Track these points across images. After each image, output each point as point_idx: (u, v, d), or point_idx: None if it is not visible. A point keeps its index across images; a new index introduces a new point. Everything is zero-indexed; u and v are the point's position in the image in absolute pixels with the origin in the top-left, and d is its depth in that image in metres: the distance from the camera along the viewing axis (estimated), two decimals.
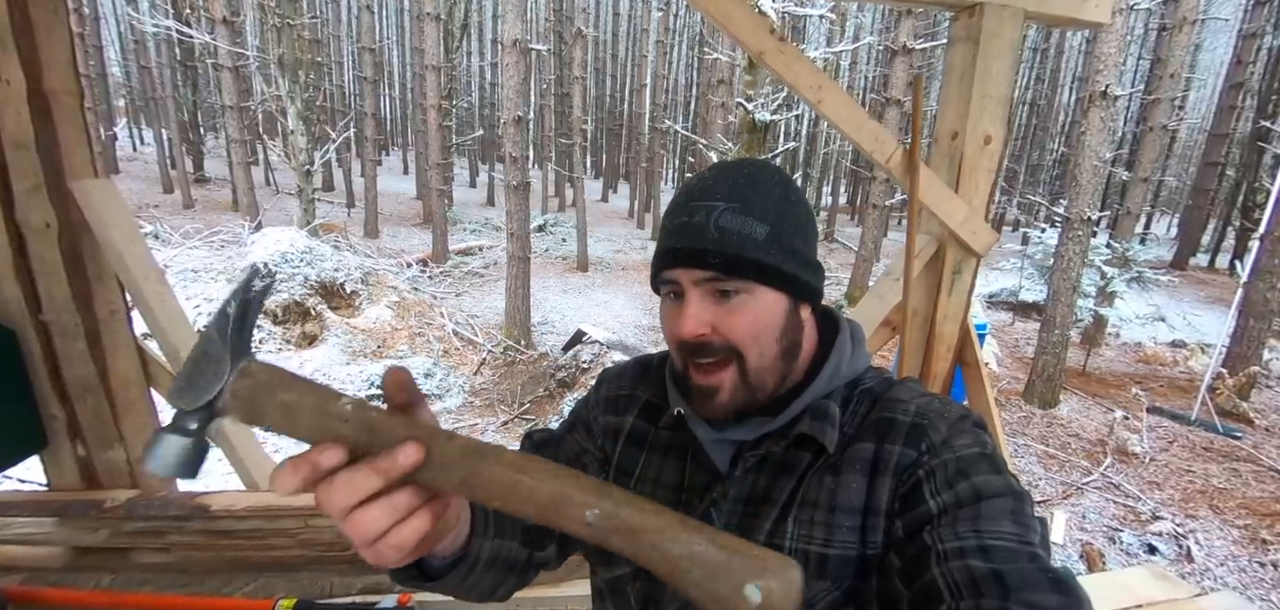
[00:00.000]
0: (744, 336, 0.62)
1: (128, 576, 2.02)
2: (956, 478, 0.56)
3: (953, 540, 0.51)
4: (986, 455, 0.58)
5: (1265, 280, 6.39)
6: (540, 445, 0.82)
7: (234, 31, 10.92)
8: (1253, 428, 5.99)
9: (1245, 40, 14.56)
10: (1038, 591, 0.46)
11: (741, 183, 0.63)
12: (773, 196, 0.63)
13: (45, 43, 1.64)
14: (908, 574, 0.53)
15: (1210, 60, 27.98)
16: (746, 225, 0.61)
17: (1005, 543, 0.50)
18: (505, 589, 0.71)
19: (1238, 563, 3.89)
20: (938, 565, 0.51)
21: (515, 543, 0.68)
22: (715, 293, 0.62)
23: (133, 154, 21.59)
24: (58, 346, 1.85)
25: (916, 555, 0.53)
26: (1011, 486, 0.55)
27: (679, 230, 0.63)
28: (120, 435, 1.99)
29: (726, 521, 0.65)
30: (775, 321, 0.63)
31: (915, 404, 0.62)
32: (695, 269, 0.62)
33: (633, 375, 0.83)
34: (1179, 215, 23.51)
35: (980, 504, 0.53)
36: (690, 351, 0.64)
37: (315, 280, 6.89)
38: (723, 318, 0.62)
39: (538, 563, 0.75)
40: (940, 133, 1.95)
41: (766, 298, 0.63)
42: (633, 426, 0.78)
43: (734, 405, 0.64)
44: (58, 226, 1.72)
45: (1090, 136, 6.00)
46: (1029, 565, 0.48)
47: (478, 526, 0.60)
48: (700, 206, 0.62)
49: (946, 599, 0.48)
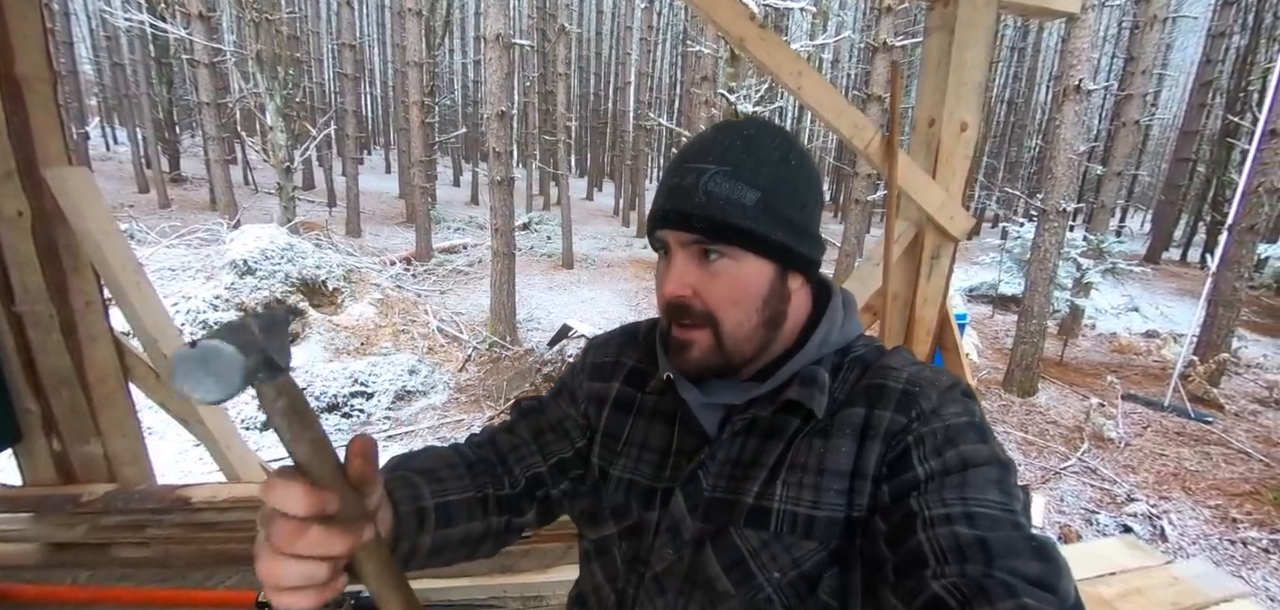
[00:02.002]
0: (722, 302, 0.63)
1: (106, 572, 1.98)
2: (945, 446, 0.56)
3: (939, 507, 0.52)
4: (975, 424, 0.58)
5: (1233, 270, 6.58)
6: (526, 412, 0.83)
7: (210, 27, 10.72)
8: (1223, 413, 6.18)
9: (1214, 39, 14.95)
10: (1020, 558, 0.47)
11: (737, 145, 0.63)
12: (769, 161, 0.62)
13: (16, 27, 1.61)
14: (893, 538, 0.54)
15: (1181, 59, 28.65)
16: (736, 190, 0.60)
17: (990, 510, 0.51)
18: (481, 554, 0.73)
19: (1209, 541, 4.01)
20: (924, 530, 0.51)
21: (475, 522, 0.69)
22: (700, 255, 0.63)
23: (106, 153, 21.06)
24: (32, 338, 1.81)
25: (903, 520, 0.54)
26: (998, 456, 0.56)
27: (670, 192, 0.63)
28: (97, 429, 1.96)
29: (713, 482, 0.65)
30: (757, 290, 0.63)
31: (907, 372, 0.63)
32: (681, 231, 0.62)
33: (619, 342, 0.83)
34: (1151, 211, 24.04)
35: (967, 472, 0.54)
36: (673, 311, 0.65)
37: (297, 277, 6.80)
38: (704, 281, 0.63)
39: (518, 526, 0.76)
40: (918, 120, 1.98)
41: (751, 265, 0.62)
42: (619, 392, 0.78)
43: (706, 364, 0.65)
44: (31, 215, 1.69)
45: (1065, 130, 6.13)
46: (1012, 533, 0.49)
47: (406, 529, 0.61)
48: (691, 169, 0.62)
49: (932, 564, 0.49)
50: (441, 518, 0.65)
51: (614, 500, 0.73)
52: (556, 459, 0.78)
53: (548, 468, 0.78)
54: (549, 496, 0.78)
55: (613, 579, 0.72)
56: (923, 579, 0.49)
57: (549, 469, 0.78)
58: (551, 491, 0.78)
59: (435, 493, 0.66)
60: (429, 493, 0.65)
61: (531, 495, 0.77)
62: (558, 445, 0.79)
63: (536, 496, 0.77)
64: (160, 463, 2.28)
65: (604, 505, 0.74)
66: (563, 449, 0.79)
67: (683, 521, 0.66)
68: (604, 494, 0.74)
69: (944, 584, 0.47)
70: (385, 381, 6.12)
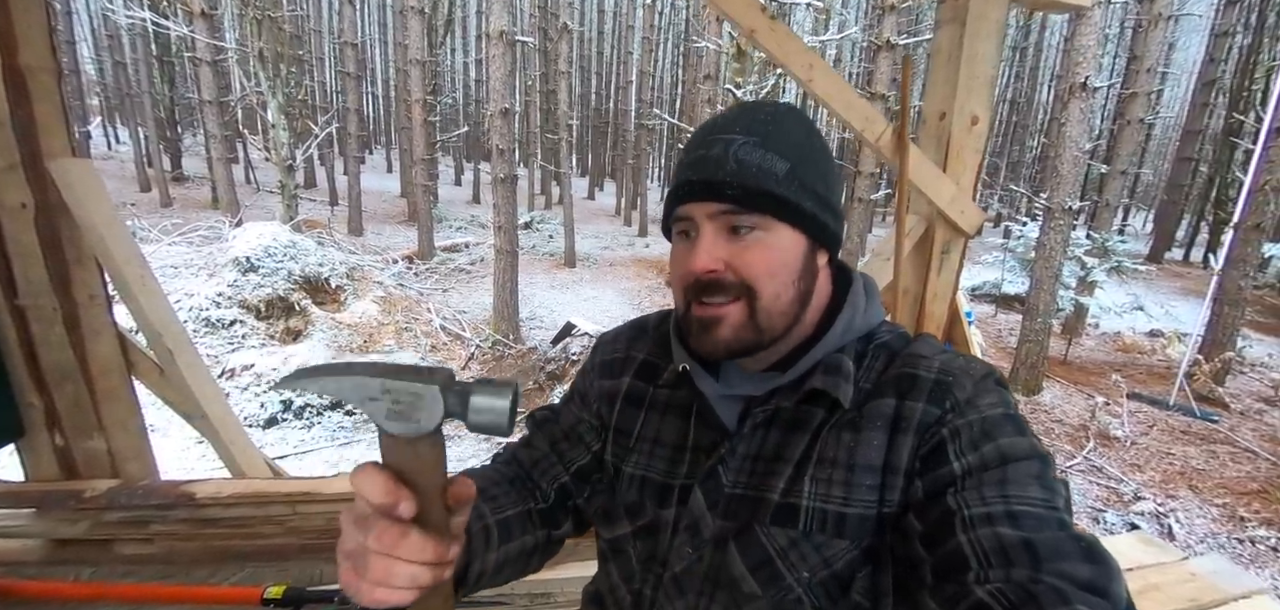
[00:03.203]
0: (759, 273, 0.59)
1: (109, 569, 1.97)
2: (982, 439, 0.54)
3: (979, 505, 0.49)
4: (1011, 416, 0.56)
5: (1238, 268, 6.55)
6: (541, 423, 0.82)
7: (212, 24, 10.72)
8: (1228, 411, 6.15)
9: (1217, 38, 14.94)
10: (1069, 561, 0.44)
11: (763, 119, 0.61)
12: (795, 136, 0.61)
13: (20, 18, 1.59)
14: (930, 538, 0.51)
15: (1184, 59, 28.61)
16: (766, 159, 0.58)
17: (1033, 509, 0.49)
18: (531, 569, 0.73)
19: (1217, 539, 3.99)
20: (964, 532, 0.49)
21: (528, 536, 0.70)
22: (730, 228, 0.60)
23: (108, 153, 21.06)
24: (35, 332, 1.79)
25: (939, 519, 0.51)
26: (1036, 449, 0.53)
27: (696, 163, 0.60)
28: (100, 424, 1.94)
29: (734, 478, 0.63)
30: (793, 261, 0.61)
31: (939, 361, 0.60)
32: (710, 201, 0.59)
33: (628, 336, 0.81)
34: (1154, 210, 24.01)
35: (1006, 467, 0.51)
36: (701, 290, 0.61)
37: (299, 275, 6.80)
38: (737, 254, 0.60)
39: (558, 538, 0.76)
40: (928, 114, 1.97)
41: (784, 235, 0.60)
42: (629, 387, 0.76)
43: (737, 341, 0.61)
44: (35, 207, 1.67)
45: (1070, 127, 6.11)
46: (1058, 533, 0.47)
47: (476, 549, 0.62)
48: (718, 139, 0.60)
49: (974, 567, 0.47)
50: (502, 534, 0.66)
51: (627, 498, 0.71)
52: (576, 467, 0.77)
53: (570, 476, 0.77)
54: (578, 505, 0.78)
55: (628, 579, 0.70)
56: (965, 583, 0.46)
57: (572, 478, 0.77)
58: (579, 500, 0.77)
59: (493, 510, 0.67)
60: (488, 510, 0.66)
61: (564, 506, 0.76)
62: (574, 452, 0.77)
63: (568, 506, 0.77)
64: (163, 460, 2.27)
65: (618, 503, 0.72)
66: (580, 455, 0.77)
67: (702, 519, 0.63)
68: (618, 492, 0.72)
69: (989, 589, 0.44)
70: None
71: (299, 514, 1.95)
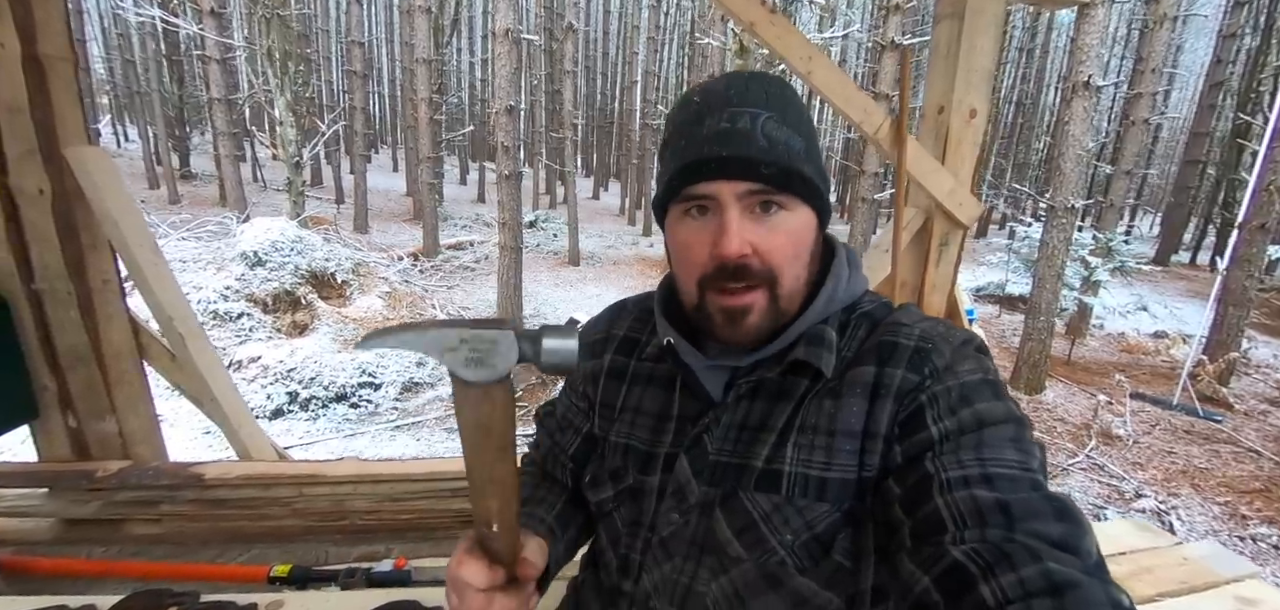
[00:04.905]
0: (783, 258, 0.59)
1: (119, 548, 2.01)
2: (959, 404, 0.54)
3: (956, 469, 0.50)
4: (989, 381, 0.56)
5: (1243, 268, 6.53)
6: (543, 419, 0.89)
7: (221, 23, 10.81)
8: (1232, 412, 6.13)
9: (1225, 40, 14.84)
10: (1042, 520, 0.45)
11: (774, 89, 0.59)
12: (797, 107, 0.60)
13: (40, 7, 1.63)
14: (908, 501, 0.52)
15: (1191, 61, 28.42)
16: (789, 136, 0.57)
17: (1008, 470, 0.49)
18: (582, 544, 0.82)
19: (1218, 537, 3.98)
20: (940, 494, 0.49)
21: (576, 520, 0.78)
22: (755, 208, 0.58)
23: (117, 151, 21.21)
24: (50, 315, 1.83)
25: (918, 482, 0.52)
26: (1013, 412, 0.54)
27: (720, 137, 0.57)
28: (112, 406, 1.98)
29: (720, 446, 0.64)
30: (810, 242, 0.61)
31: (918, 328, 0.60)
32: (740, 181, 0.56)
33: (607, 318, 0.84)
34: (1161, 213, 23.87)
35: (983, 431, 0.52)
36: (726, 276, 0.59)
37: (305, 269, 6.86)
38: (764, 237, 0.58)
39: (589, 523, 0.82)
40: (927, 107, 1.99)
41: (803, 215, 0.60)
42: (611, 362, 0.78)
43: (764, 328, 0.61)
44: (51, 193, 1.71)
45: (1074, 126, 6.11)
46: (1032, 493, 0.47)
47: (554, 554, 0.70)
48: (742, 112, 0.57)
49: (950, 528, 0.47)
50: (560, 527, 0.74)
51: (611, 464, 0.73)
52: (572, 450, 0.81)
53: (573, 462, 0.81)
54: None
55: (615, 542, 0.72)
56: (942, 545, 0.47)
57: (574, 462, 0.81)
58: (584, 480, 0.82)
59: (546, 510, 0.75)
60: (544, 512, 0.74)
61: (580, 487, 0.81)
62: (569, 439, 0.82)
63: None
64: (172, 449, 2.31)
65: (604, 469, 0.74)
66: (573, 440, 0.81)
67: (688, 486, 0.65)
68: (605, 459, 0.75)
69: (964, 550, 0.45)
70: (393, 373, 6.16)
71: (305, 496, 1.98)
